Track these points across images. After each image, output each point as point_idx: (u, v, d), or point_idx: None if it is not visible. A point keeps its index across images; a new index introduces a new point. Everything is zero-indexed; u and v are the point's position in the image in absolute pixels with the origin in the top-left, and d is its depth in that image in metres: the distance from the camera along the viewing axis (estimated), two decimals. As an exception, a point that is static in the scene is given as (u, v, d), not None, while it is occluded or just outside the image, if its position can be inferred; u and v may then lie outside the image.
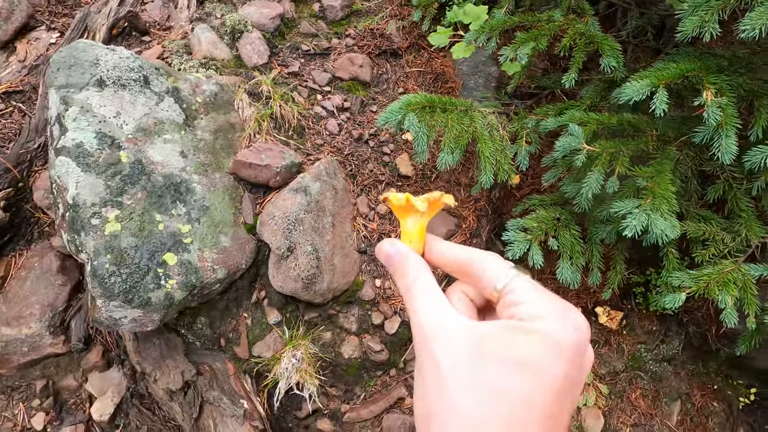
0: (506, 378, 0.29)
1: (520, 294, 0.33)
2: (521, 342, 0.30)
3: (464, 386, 0.30)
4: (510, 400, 0.29)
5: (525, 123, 1.89)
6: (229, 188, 1.67)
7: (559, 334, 0.30)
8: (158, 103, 1.59)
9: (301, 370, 1.61)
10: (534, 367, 0.29)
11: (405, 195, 0.42)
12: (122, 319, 1.31)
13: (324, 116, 2.17)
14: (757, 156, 1.40)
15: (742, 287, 1.49)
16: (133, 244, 1.34)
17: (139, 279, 1.32)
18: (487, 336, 0.31)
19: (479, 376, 0.30)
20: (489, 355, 0.30)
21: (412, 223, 0.41)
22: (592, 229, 1.76)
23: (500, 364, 0.30)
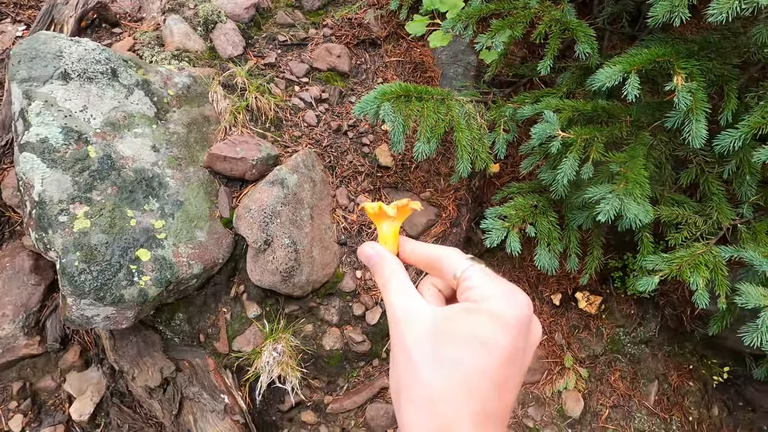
0: (460, 352, 0.34)
1: (473, 280, 0.37)
2: (473, 320, 0.35)
3: (427, 362, 0.34)
4: (464, 371, 0.33)
5: (503, 111, 1.89)
6: (204, 182, 1.65)
7: (504, 312, 0.35)
8: (127, 96, 1.56)
9: (283, 363, 1.61)
10: (484, 340, 0.34)
11: (378, 203, 0.48)
12: (95, 318, 1.29)
13: (302, 108, 2.15)
14: (726, 140, 1.43)
15: (713, 269, 1.52)
16: (103, 241, 1.31)
17: (110, 276, 1.29)
18: (446, 318, 0.36)
19: (438, 352, 0.34)
20: (446, 334, 0.35)
21: (387, 227, 0.47)
22: (569, 215, 1.77)
23: (455, 340, 0.34)
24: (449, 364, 0.33)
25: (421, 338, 0.35)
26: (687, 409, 1.95)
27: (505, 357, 0.34)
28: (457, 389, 0.33)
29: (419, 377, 0.34)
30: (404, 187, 2.05)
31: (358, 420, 1.76)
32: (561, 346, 2.00)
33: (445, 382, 0.33)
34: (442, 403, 0.32)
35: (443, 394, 0.33)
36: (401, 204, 0.47)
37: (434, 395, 0.33)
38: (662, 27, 1.76)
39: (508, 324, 0.34)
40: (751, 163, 1.59)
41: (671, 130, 1.64)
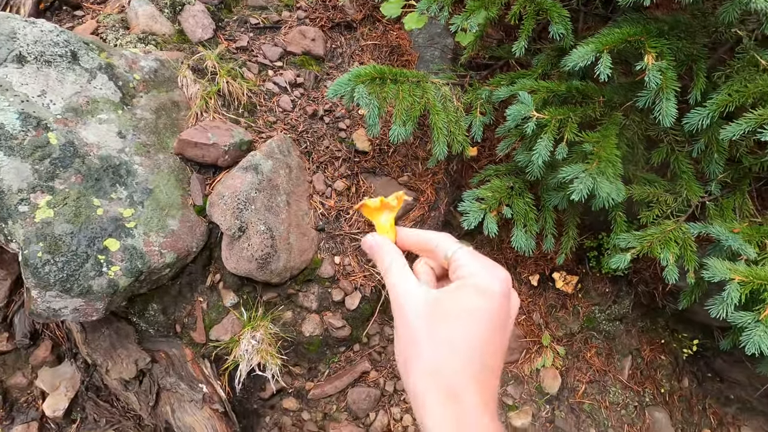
0: (453, 327, 0.39)
1: (462, 260, 0.43)
2: (462, 294, 0.41)
3: (426, 340, 0.40)
4: (459, 344, 0.39)
5: (479, 94, 1.88)
6: (176, 169, 1.60)
7: (488, 285, 0.40)
8: (90, 80, 1.49)
9: (262, 350, 1.60)
10: (472, 311, 0.40)
11: (379, 198, 0.54)
12: (62, 310, 1.25)
13: (276, 92, 2.10)
14: (695, 118, 1.45)
15: (682, 245, 1.56)
16: (68, 231, 1.26)
17: (77, 267, 1.25)
18: (437, 299, 0.42)
19: (435, 331, 0.40)
20: (440, 313, 0.40)
21: (385, 219, 0.53)
22: (545, 196, 1.79)
23: (448, 318, 0.40)
24: (445, 342, 0.39)
25: (420, 318, 0.41)
26: (659, 382, 2.02)
27: (492, 323, 0.39)
28: (456, 360, 0.38)
29: (421, 354, 0.39)
30: (382, 172, 2.03)
31: (340, 405, 1.77)
32: (539, 326, 2.04)
33: (444, 356, 0.38)
34: (446, 373, 0.38)
35: (444, 366, 0.38)
36: (399, 195, 0.55)
37: (437, 368, 0.38)
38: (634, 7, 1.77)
39: (492, 295, 0.40)
40: (719, 142, 1.62)
41: (643, 109, 1.66)
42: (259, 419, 1.76)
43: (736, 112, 1.44)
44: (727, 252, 1.53)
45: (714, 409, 2.03)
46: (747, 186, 1.71)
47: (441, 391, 0.38)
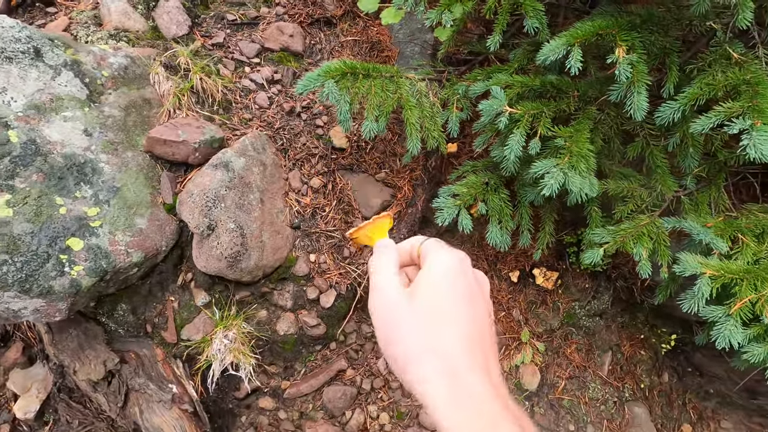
0: (426, 310, 0.43)
1: (425, 247, 0.49)
2: (425, 274, 0.45)
3: (408, 320, 0.43)
4: (435, 328, 0.42)
5: (456, 89, 1.87)
6: (145, 167, 1.58)
7: (446, 260, 0.45)
8: (54, 77, 1.47)
9: (235, 349, 1.58)
10: (437, 284, 0.44)
11: (388, 216, 0.59)
12: (22, 311, 1.23)
13: (253, 89, 2.08)
14: (666, 112, 1.44)
15: (655, 240, 1.55)
16: (28, 230, 1.24)
17: (37, 267, 1.23)
18: (413, 284, 0.46)
19: (412, 309, 0.43)
20: (414, 293, 0.44)
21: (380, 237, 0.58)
22: (521, 191, 1.78)
23: (418, 294, 0.44)
24: (421, 325, 0.42)
25: (401, 305, 0.44)
26: (639, 377, 2.01)
27: (464, 295, 0.44)
28: (439, 343, 0.41)
29: (407, 345, 0.42)
30: (359, 169, 2.02)
31: (316, 403, 1.76)
32: (519, 322, 2.03)
33: (420, 342, 0.42)
34: (431, 355, 0.40)
35: (420, 352, 0.41)
36: (385, 214, 0.60)
37: (415, 352, 0.41)
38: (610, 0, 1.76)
39: (455, 271, 0.45)
40: (693, 136, 1.61)
41: (617, 104, 1.65)
42: (235, 419, 1.74)
43: (708, 105, 1.43)
44: (702, 247, 1.53)
45: (694, 403, 2.03)
46: (722, 180, 1.70)
47: (440, 371, 0.39)
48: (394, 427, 1.72)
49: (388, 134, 2.10)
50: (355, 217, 1.90)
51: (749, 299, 1.34)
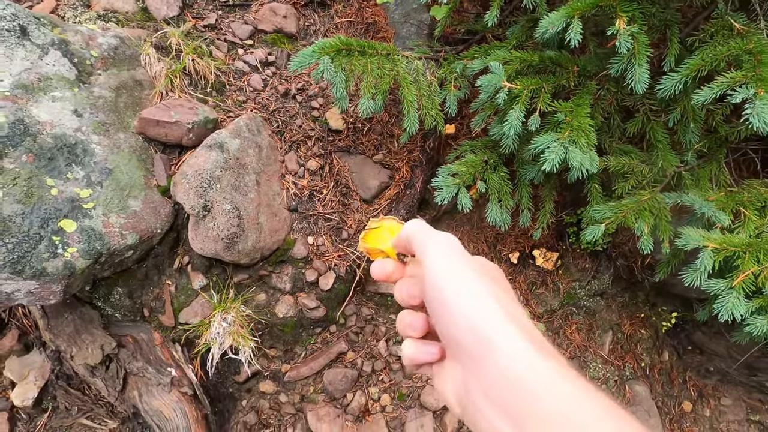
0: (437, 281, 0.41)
1: (413, 239, 0.46)
2: (434, 281, 0.42)
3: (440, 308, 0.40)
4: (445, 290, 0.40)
5: (453, 68, 1.84)
6: (137, 149, 1.55)
7: (443, 258, 0.42)
8: (42, 56, 1.43)
9: (234, 333, 1.56)
10: (429, 260, 0.42)
11: (378, 220, 0.56)
12: (15, 293, 1.20)
13: (246, 71, 2.04)
14: (667, 84, 1.42)
15: (657, 215, 1.54)
16: (18, 212, 1.21)
17: (29, 248, 1.20)
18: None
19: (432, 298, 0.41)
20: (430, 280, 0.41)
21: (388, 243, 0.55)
22: (520, 170, 1.76)
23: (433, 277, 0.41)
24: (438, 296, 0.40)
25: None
26: (639, 356, 2.01)
27: (453, 261, 0.40)
28: (448, 315, 0.38)
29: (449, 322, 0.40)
30: (356, 151, 1.99)
31: (317, 386, 1.75)
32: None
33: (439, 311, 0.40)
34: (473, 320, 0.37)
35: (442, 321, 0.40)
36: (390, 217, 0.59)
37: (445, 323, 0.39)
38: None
39: (447, 263, 0.41)
40: (694, 110, 1.60)
41: (617, 78, 1.63)
42: (235, 403, 1.73)
43: (709, 78, 1.41)
44: (703, 221, 1.51)
45: (694, 381, 2.04)
46: (723, 156, 1.69)
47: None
48: (395, 408, 1.72)
49: (385, 115, 2.07)
50: (353, 199, 1.88)
51: (752, 272, 1.33)
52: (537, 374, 0.33)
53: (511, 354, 0.33)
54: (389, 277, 0.49)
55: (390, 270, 0.49)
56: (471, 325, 0.36)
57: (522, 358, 0.33)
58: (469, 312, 0.36)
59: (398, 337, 1.86)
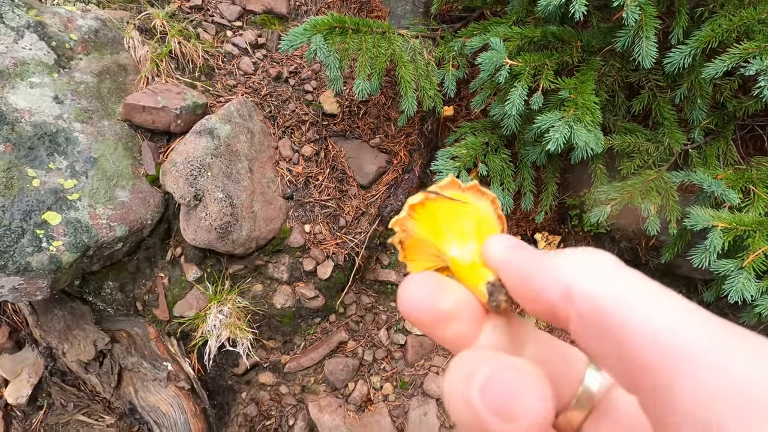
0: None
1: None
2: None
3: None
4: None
5: (451, 46, 1.77)
6: (123, 137, 1.48)
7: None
8: (17, 40, 1.35)
9: (231, 325, 1.52)
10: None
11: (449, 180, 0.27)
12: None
13: (236, 54, 1.96)
14: (676, 57, 1.36)
15: (664, 195, 1.49)
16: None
17: (11, 243, 1.15)
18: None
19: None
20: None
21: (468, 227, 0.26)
22: (522, 152, 1.71)
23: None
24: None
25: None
26: (643, 338, 1.99)
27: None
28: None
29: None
30: (352, 135, 1.92)
31: (318, 376, 1.72)
32: (521, 288, 1.98)
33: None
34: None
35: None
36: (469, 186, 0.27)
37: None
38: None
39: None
40: (702, 86, 1.54)
41: (623, 54, 1.57)
42: (235, 395, 1.70)
43: (716, 51, 1.35)
44: (711, 201, 1.47)
45: (698, 362, 2.02)
46: (731, 133, 1.64)
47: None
48: (398, 396, 1.69)
49: (381, 98, 2.00)
50: (350, 185, 1.82)
51: (762, 251, 1.30)
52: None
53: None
54: (443, 326, 0.23)
55: (449, 310, 0.23)
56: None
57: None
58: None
59: (399, 324, 1.82)
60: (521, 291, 0.22)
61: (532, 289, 0.21)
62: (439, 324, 0.23)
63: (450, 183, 0.26)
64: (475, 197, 0.27)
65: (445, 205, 0.26)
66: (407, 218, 0.26)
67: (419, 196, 0.26)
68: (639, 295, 0.18)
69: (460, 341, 0.23)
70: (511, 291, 0.22)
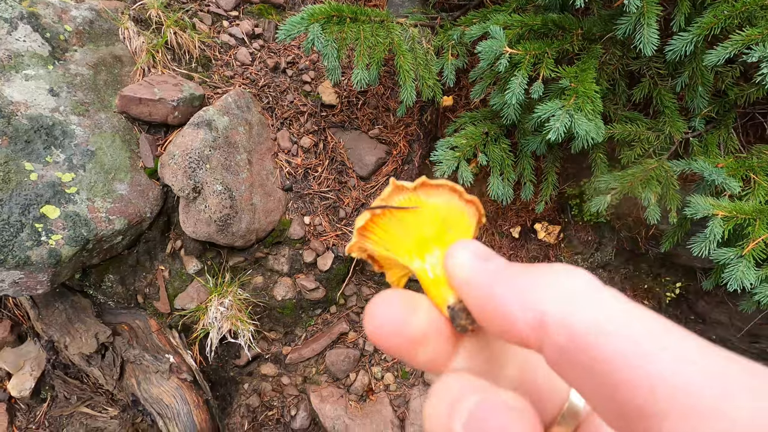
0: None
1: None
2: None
3: None
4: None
5: (450, 35, 1.75)
6: (120, 130, 1.47)
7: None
8: (10, 32, 1.33)
9: (232, 317, 1.53)
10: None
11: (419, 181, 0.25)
12: (0, 284, 1.15)
13: (233, 45, 1.94)
14: (678, 44, 1.35)
15: (664, 184, 1.49)
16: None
17: (10, 237, 1.14)
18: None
19: None
20: None
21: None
22: (522, 141, 1.70)
23: None
24: None
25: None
26: (642, 327, 2.00)
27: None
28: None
29: None
30: (351, 126, 1.91)
31: (320, 367, 1.73)
32: (521, 278, 1.99)
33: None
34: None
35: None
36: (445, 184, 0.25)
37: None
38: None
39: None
40: (703, 74, 1.53)
41: (624, 41, 1.55)
42: (237, 386, 1.71)
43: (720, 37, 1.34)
44: (711, 190, 1.47)
45: (696, 350, 2.03)
46: (732, 121, 1.63)
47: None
48: (399, 386, 1.71)
49: (379, 88, 1.99)
50: (349, 177, 1.81)
51: (762, 239, 1.30)
52: None
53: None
54: (415, 350, 0.21)
55: (420, 333, 0.21)
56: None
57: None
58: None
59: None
60: (487, 319, 0.19)
61: (500, 318, 0.18)
62: (411, 349, 0.20)
63: (394, 189, 0.24)
64: (428, 195, 0.24)
65: (397, 217, 0.23)
66: (361, 241, 0.24)
67: (364, 217, 0.24)
68: (622, 324, 0.16)
69: (436, 364, 0.21)
70: (476, 316, 0.20)
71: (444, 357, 0.21)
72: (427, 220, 0.23)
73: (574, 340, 0.16)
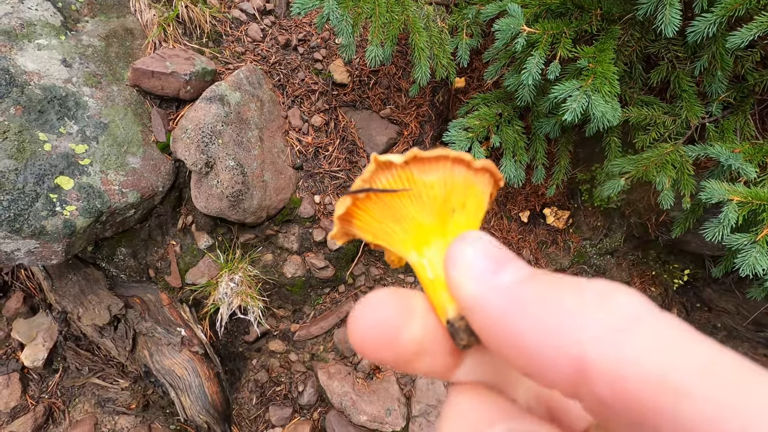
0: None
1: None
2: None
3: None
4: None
5: (465, 13, 1.72)
6: (132, 103, 1.46)
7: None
8: (22, 0, 1.31)
9: (242, 293, 1.54)
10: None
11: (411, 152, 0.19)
12: (15, 253, 1.16)
13: (244, 21, 1.91)
14: (700, 26, 1.32)
15: (679, 168, 1.48)
16: (11, 167, 1.15)
17: (26, 206, 1.15)
18: None
19: None
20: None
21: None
22: (535, 123, 1.68)
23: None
24: None
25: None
26: (648, 313, 2.01)
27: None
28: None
29: None
30: (362, 105, 1.90)
31: (327, 345, 1.75)
32: (529, 262, 1.99)
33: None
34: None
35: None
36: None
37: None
38: None
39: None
40: (723, 58, 1.50)
41: (643, 23, 1.52)
42: (246, 362, 1.73)
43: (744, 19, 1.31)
44: (726, 175, 1.45)
45: (701, 337, 2.04)
46: (749, 107, 1.61)
47: None
48: (405, 365, 1.73)
49: (391, 68, 1.96)
50: (360, 157, 1.80)
51: (777, 225, 1.29)
52: None
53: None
54: (410, 363, 0.18)
55: (415, 345, 0.17)
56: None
57: None
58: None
59: (407, 296, 1.84)
60: (502, 355, 0.15)
61: (520, 359, 0.14)
62: (404, 364, 0.17)
63: (378, 167, 0.19)
64: (423, 171, 0.19)
65: (384, 201, 0.19)
66: (345, 227, 0.19)
67: (344, 203, 0.19)
68: (693, 372, 0.12)
69: (438, 374, 0.18)
70: (487, 346, 0.15)
71: (446, 367, 0.18)
72: (422, 204, 0.18)
73: (628, 398, 0.12)
